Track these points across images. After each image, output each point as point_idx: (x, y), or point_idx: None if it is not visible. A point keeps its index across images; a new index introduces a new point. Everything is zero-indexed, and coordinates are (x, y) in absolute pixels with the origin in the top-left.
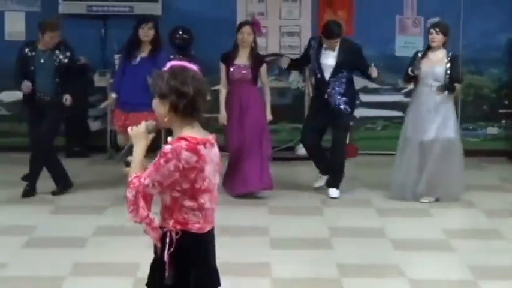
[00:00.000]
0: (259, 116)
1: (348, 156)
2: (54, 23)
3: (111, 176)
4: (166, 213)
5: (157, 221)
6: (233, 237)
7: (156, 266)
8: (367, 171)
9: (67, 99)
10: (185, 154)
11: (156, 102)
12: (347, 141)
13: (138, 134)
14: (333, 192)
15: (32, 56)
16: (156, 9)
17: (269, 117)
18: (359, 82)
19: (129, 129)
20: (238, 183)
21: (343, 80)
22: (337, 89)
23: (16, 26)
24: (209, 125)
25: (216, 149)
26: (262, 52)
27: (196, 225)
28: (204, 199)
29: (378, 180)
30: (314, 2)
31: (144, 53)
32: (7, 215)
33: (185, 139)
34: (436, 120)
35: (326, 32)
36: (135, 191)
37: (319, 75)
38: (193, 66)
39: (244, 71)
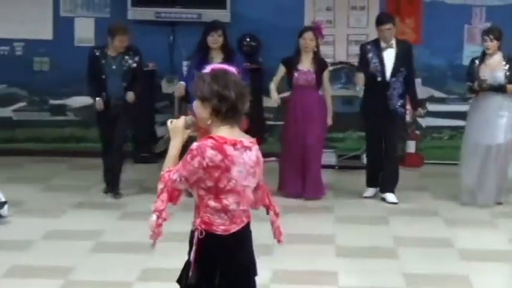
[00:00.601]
0: (322, 123)
1: (413, 165)
2: (124, 27)
3: None
4: (196, 212)
5: (164, 220)
6: (299, 244)
7: (186, 265)
8: (434, 181)
9: (130, 97)
10: (210, 152)
11: (197, 105)
12: (413, 150)
13: (176, 128)
14: (392, 197)
15: (102, 63)
16: (224, 16)
17: (330, 122)
18: (425, 92)
19: (168, 121)
20: (296, 187)
21: (401, 79)
22: (396, 90)
23: (85, 32)
24: (275, 132)
25: (252, 153)
26: (329, 60)
27: (221, 227)
28: (229, 200)
29: (445, 190)
30: (382, 10)
31: (217, 59)
32: (75, 219)
33: (212, 138)
34: (501, 123)
35: (378, 19)
36: (164, 184)
37: (379, 78)
38: (233, 70)
39: (308, 77)
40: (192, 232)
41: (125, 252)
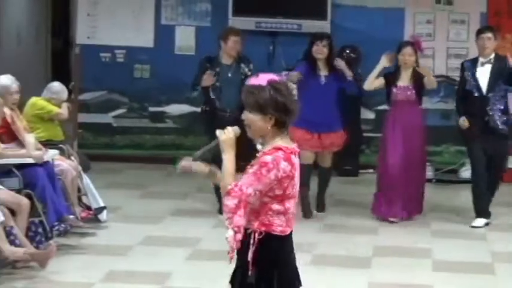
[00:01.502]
0: (423, 139)
1: (504, 180)
2: (237, 29)
3: None
4: (252, 215)
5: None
6: (396, 258)
7: (237, 267)
8: None
9: None
10: (283, 164)
11: (254, 116)
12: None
13: (230, 140)
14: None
15: (217, 72)
16: (324, 27)
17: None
18: None
19: (218, 132)
20: (396, 207)
21: (502, 93)
22: (497, 105)
23: (186, 40)
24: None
25: (297, 158)
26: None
27: (279, 228)
28: (290, 204)
29: None
30: (482, 25)
31: (324, 72)
32: (173, 226)
33: (281, 149)
34: None
35: (479, 29)
36: (238, 199)
37: (476, 93)
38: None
39: (409, 92)
40: (248, 235)
41: (222, 259)
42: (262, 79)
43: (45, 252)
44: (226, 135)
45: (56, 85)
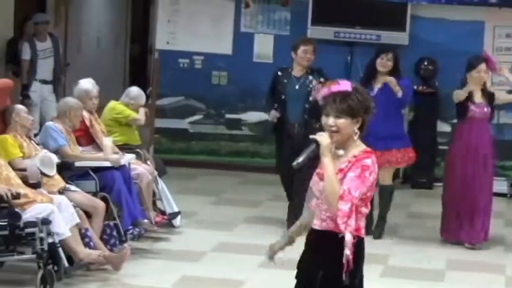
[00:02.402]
0: (494, 159)
1: None
2: (308, 38)
3: None
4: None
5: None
6: (471, 272)
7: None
8: None
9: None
10: (375, 166)
11: (345, 121)
12: None
13: (328, 144)
14: None
15: (285, 83)
16: (403, 38)
17: None
18: None
19: (318, 137)
20: (463, 231)
21: None
22: None
23: (265, 48)
24: None
25: None
26: (506, 87)
27: (362, 230)
28: (364, 205)
29: None
30: None
31: (379, 84)
32: (246, 233)
33: (372, 152)
34: None
35: None
36: (350, 203)
37: None
38: (346, 85)
39: (486, 109)
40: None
41: (293, 269)
42: (346, 85)
43: (119, 255)
44: (326, 139)
45: (134, 90)
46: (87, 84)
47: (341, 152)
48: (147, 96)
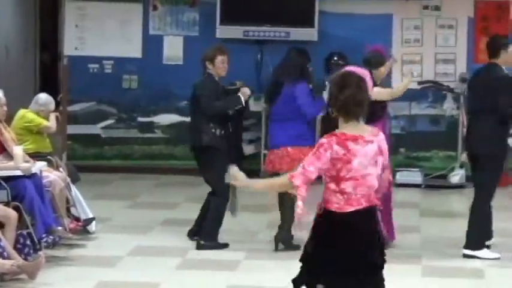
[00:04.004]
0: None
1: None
2: (222, 47)
3: (265, 200)
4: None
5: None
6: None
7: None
8: None
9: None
10: (336, 147)
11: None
12: None
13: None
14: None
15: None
16: (312, 34)
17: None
18: None
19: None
20: None
21: None
22: None
23: (174, 50)
24: None
25: (374, 145)
26: (417, 79)
27: (335, 205)
28: (346, 185)
29: None
30: (470, 30)
31: None
32: (162, 236)
33: (335, 135)
34: None
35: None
36: (302, 176)
37: None
38: (363, 73)
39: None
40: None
41: (210, 269)
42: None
43: (33, 264)
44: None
45: (43, 97)
46: None
47: None
48: (57, 103)
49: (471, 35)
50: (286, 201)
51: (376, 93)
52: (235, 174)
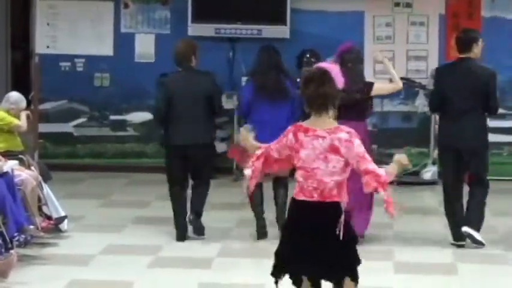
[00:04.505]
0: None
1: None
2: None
3: (237, 198)
4: None
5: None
6: None
7: None
8: (493, 197)
9: None
10: (290, 135)
11: None
12: None
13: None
14: None
15: None
16: (284, 32)
17: None
18: None
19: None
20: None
21: None
22: None
23: (146, 48)
24: None
25: (325, 141)
26: (388, 76)
27: (294, 192)
28: (299, 174)
29: (505, 207)
30: (442, 27)
31: None
32: (135, 234)
33: (295, 125)
34: None
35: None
36: (262, 151)
37: None
38: (331, 69)
39: None
40: None
41: (183, 267)
42: None
43: (5, 263)
44: None
45: (14, 95)
46: None
47: None
48: (29, 101)
49: (442, 32)
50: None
51: (378, 89)
52: (244, 134)
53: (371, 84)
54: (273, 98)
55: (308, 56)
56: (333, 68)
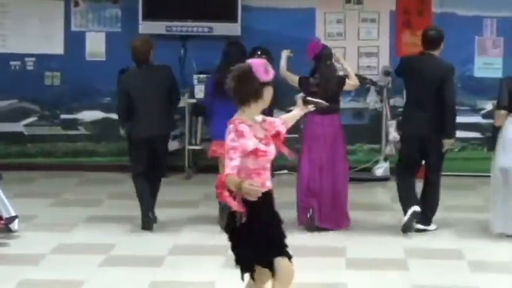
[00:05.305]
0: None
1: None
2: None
3: (189, 195)
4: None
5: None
6: (310, 257)
7: None
8: (444, 193)
9: None
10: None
11: None
12: None
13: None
14: None
15: None
16: (235, 29)
17: None
18: None
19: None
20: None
21: None
22: None
23: (97, 46)
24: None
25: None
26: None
27: None
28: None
29: (456, 202)
30: (392, 23)
31: None
32: (86, 233)
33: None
34: None
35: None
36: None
37: None
38: (252, 63)
39: None
40: None
41: (135, 265)
42: None
43: None
44: None
45: None
46: None
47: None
48: None
49: (393, 29)
50: None
51: (347, 84)
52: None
53: (344, 79)
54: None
55: (259, 53)
56: (256, 62)
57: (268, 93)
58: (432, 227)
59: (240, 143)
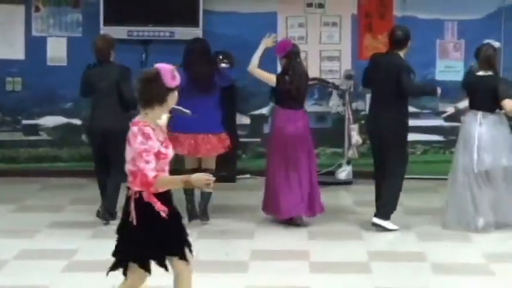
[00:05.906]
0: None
1: None
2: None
3: None
4: None
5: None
6: (274, 261)
7: None
8: (406, 196)
9: None
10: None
11: None
12: None
13: None
14: None
15: None
16: (197, 34)
17: None
18: None
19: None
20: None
21: None
22: None
23: (58, 52)
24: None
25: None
26: None
27: None
28: None
29: (417, 205)
30: (354, 27)
31: None
32: (49, 239)
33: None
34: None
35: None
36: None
37: None
38: (160, 68)
39: None
40: None
41: (98, 270)
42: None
43: None
44: None
45: None
46: None
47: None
48: None
49: (355, 32)
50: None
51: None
52: None
53: (308, 76)
54: (202, 90)
55: (221, 57)
56: (165, 68)
57: (172, 98)
58: (391, 225)
59: (149, 144)
